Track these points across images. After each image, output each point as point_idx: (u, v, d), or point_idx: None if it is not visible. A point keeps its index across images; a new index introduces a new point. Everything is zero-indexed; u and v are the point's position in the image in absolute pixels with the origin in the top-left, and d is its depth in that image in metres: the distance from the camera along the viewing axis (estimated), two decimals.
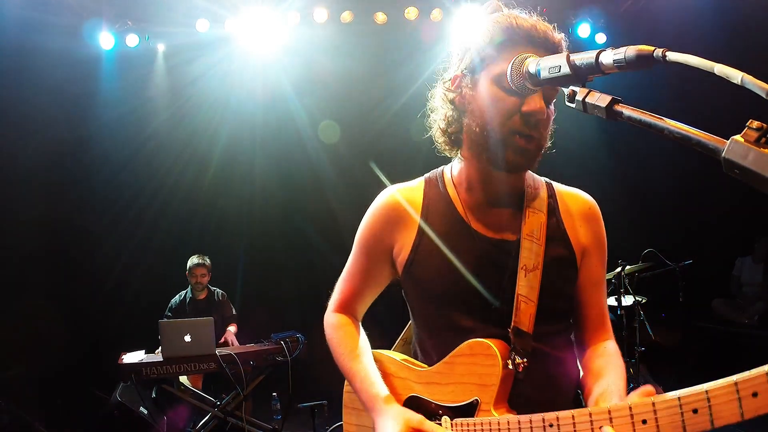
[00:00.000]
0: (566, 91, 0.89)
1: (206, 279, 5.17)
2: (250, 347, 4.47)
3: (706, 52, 0.69)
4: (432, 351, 1.31)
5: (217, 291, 5.30)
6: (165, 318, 5.00)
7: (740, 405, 0.75)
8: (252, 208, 6.61)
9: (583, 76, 0.88)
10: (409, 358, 1.41)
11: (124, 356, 4.14)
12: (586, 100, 0.85)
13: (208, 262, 5.19)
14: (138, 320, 5.35)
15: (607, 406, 0.92)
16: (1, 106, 5.43)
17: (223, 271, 5.61)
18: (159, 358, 4.07)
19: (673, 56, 0.71)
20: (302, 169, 6.65)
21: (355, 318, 1.47)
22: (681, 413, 0.82)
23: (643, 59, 0.76)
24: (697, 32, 5.43)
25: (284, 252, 6.62)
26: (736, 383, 0.76)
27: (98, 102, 6.30)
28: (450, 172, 1.35)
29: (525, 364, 1.17)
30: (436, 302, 1.28)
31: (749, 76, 0.63)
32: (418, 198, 1.33)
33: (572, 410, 0.98)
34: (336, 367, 1.42)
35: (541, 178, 1.36)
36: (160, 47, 6.41)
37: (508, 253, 1.25)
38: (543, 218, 1.27)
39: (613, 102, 0.82)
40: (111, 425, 4.00)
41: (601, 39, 6.51)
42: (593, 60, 0.83)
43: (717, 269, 6.18)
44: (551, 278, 1.24)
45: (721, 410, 0.77)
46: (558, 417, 0.99)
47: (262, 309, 5.75)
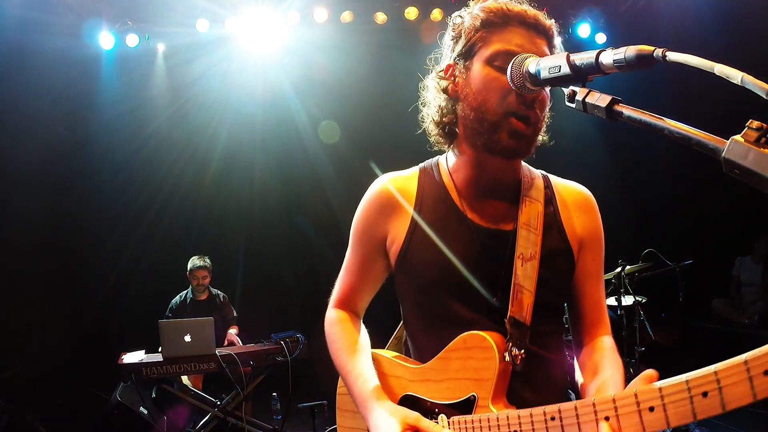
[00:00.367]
0: (566, 91, 0.89)
1: (207, 280, 5.17)
2: (250, 347, 4.47)
3: (706, 52, 0.69)
4: (426, 345, 1.28)
5: (218, 293, 5.30)
6: (165, 318, 5.00)
7: (752, 384, 0.71)
8: (252, 207, 6.61)
9: (583, 76, 0.88)
10: (402, 355, 1.37)
11: (124, 356, 4.14)
12: (586, 100, 0.85)
13: (209, 263, 5.19)
14: (138, 320, 5.35)
15: (611, 395, 0.88)
16: (2, 106, 5.43)
17: (223, 270, 5.61)
18: (159, 358, 4.07)
19: (673, 56, 0.71)
20: (302, 168, 6.65)
21: (355, 313, 1.44)
22: (690, 397, 0.77)
23: (643, 59, 0.76)
24: (697, 32, 5.43)
25: (284, 252, 6.62)
26: (746, 362, 0.71)
27: (98, 102, 6.30)
28: (446, 161, 1.33)
29: (522, 356, 1.14)
30: (430, 292, 1.25)
31: (749, 76, 0.63)
32: (412, 187, 1.31)
33: (575, 401, 0.94)
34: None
35: (538, 171, 1.34)
36: (160, 47, 6.41)
37: (504, 243, 1.23)
38: (540, 208, 1.24)
39: (613, 102, 0.82)
40: (111, 425, 4.00)
41: (601, 39, 6.52)
42: (593, 60, 0.84)
43: (717, 269, 6.18)
44: (548, 268, 1.22)
45: (732, 392, 0.73)
46: (560, 409, 0.95)
47: (262, 309, 5.75)
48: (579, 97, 0.86)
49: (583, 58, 0.86)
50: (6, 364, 5.14)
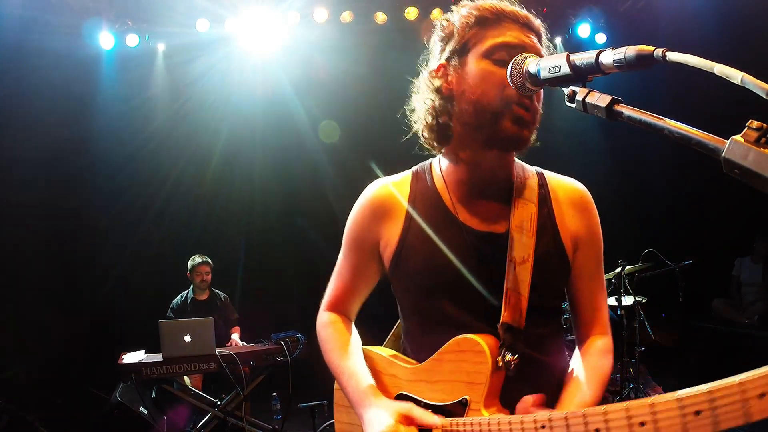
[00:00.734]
0: (566, 91, 0.89)
1: (210, 277, 5.18)
2: (250, 347, 4.47)
3: (706, 52, 0.69)
4: (421, 346, 1.28)
5: (219, 293, 5.31)
6: (166, 318, 5.00)
7: (746, 407, 0.70)
8: (252, 207, 6.61)
9: (583, 76, 0.87)
10: (398, 353, 1.37)
11: (124, 356, 4.14)
12: (586, 100, 0.84)
13: (210, 260, 5.21)
14: (138, 320, 5.35)
15: (603, 408, 0.87)
16: (2, 105, 5.43)
17: (224, 270, 5.61)
18: (159, 358, 4.07)
19: (673, 56, 0.71)
20: (302, 168, 6.65)
21: (346, 316, 1.45)
22: (682, 415, 0.77)
23: (643, 59, 0.76)
24: (697, 32, 5.43)
25: (284, 252, 6.62)
26: (741, 384, 0.71)
27: (98, 102, 6.30)
28: (438, 164, 1.32)
29: (516, 362, 1.14)
30: (424, 295, 1.26)
31: (749, 76, 0.63)
32: (405, 191, 1.31)
33: (565, 411, 0.94)
34: None
35: (533, 168, 1.33)
36: (160, 47, 6.41)
37: (497, 246, 1.22)
38: (533, 209, 1.23)
39: (613, 102, 0.81)
40: (111, 425, 4.00)
41: (601, 39, 6.52)
42: (593, 60, 0.83)
43: (717, 269, 6.18)
44: (542, 271, 1.21)
45: (726, 413, 0.72)
46: (551, 418, 0.95)
47: (262, 309, 5.75)
48: (579, 97, 0.86)
49: (583, 58, 0.86)
50: (6, 364, 5.14)
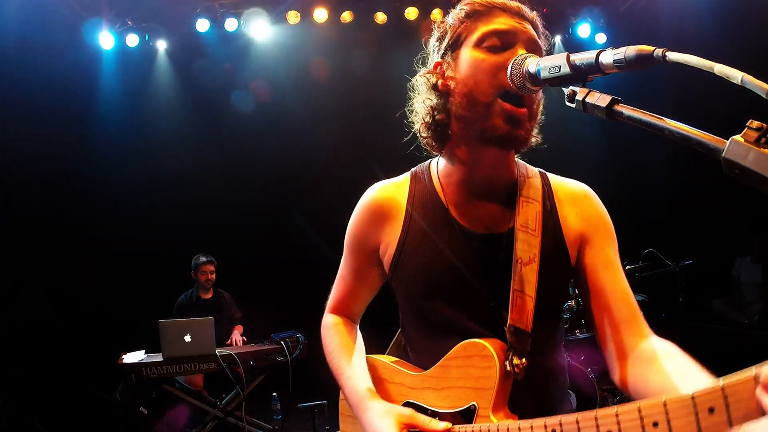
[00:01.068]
0: (566, 91, 0.89)
1: (214, 276, 5.23)
2: (250, 347, 4.47)
3: (706, 52, 0.69)
4: (424, 352, 1.25)
5: (223, 292, 5.33)
6: (172, 317, 5.03)
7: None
8: (252, 207, 6.61)
9: (583, 76, 0.87)
10: (402, 361, 1.35)
11: (124, 356, 4.14)
12: (586, 100, 0.84)
13: (214, 260, 5.24)
14: (138, 320, 5.35)
15: (615, 409, 0.84)
16: (2, 105, 5.43)
17: (223, 270, 5.61)
18: (159, 358, 4.07)
19: (673, 56, 0.71)
20: (302, 169, 6.64)
21: (350, 319, 1.44)
22: (696, 413, 0.74)
23: (643, 59, 0.76)
24: (697, 32, 5.43)
25: (284, 252, 6.61)
26: (755, 377, 0.68)
27: (98, 102, 6.31)
28: (436, 165, 1.29)
29: (524, 365, 1.10)
30: (425, 300, 1.22)
31: (749, 76, 0.63)
32: (403, 194, 1.28)
33: (576, 413, 0.92)
34: None
35: (535, 168, 1.30)
36: (160, 47, 6.41)
37: (498, 247, 1.19)
38: (538, 207, 1.19)
39: (613, 102, 0.81)
40: (111, 425, 4.00)
41: (601, 39, 6.52)
42: (593, 60, 0.83)
43: (717, 269, 6.18)
44: (549, 271, 1.17)
45: (740, 408, 0.69)
46: (561, 422, 0.93)
47: (262, 309, 5.74)
48: (579, 97, 0.85)
49: (583, 58, 0.86)
50: (6, 363, 5.14)
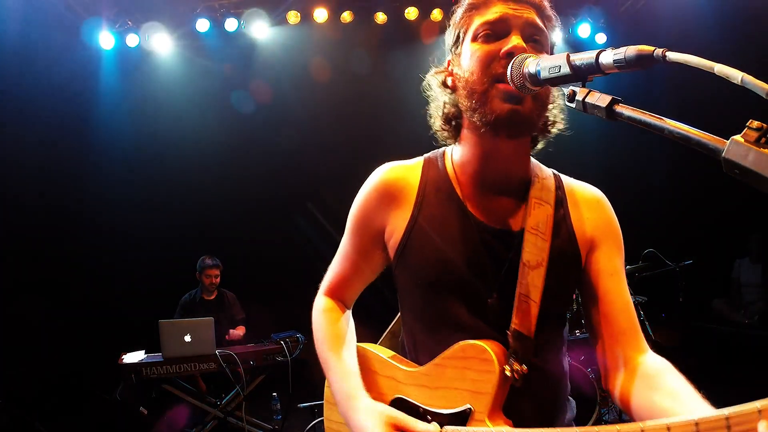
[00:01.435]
0: (566, 91, 0.89)
1: (218, 280, 5.25)
2: (250, 347, 4.47)
3: (706, 52, 0.69)
4: (422, 345, 1.21)
5: (227, 292, 5.34)
6: (176, 315, 5.06)
7: None
8: (252, 207, 6.61)
9: (583, 76, 0.87)
10: (397, 354, 1.31)
11: (124, 356, 4.14)
12: (586, 100, 0.84)
13: (219, 263, 5.25)
14: (138, 320, 5.35)
15: (617, 427, 0.81)
16: (2, 105, 5.43)
17: (223, 270, 5.61)
18: (159, 358, 4.07)
19: (673, 56, 0.71)
20: (302, 168, 6.64)
21: (344, 303, 1.39)
22: None
23: (643, 59, 0.76)
24: (697, 32, 5.43)
25: (284, 252, 6.61)
26: (760, 410, 0.68)
27: (98, 102, 6.30)
28: (451, 153, 1.25)
29: (524, 371, 1.06)
30: (429, 291, 1.18)
31: (749, 76, 0.63)
32: (415, 178, 1.23)
33: (576, 428, 0.90)
34: None
35: (549, 170, 1.27)
36: (161, 47, 6.41)
37: (509, 246, 1.15)
38: (549, 210, 1.16)
39: (613, 102, 0.81)
40: (111, 425, 4.00)
41: (601, 39, 6.52)
42: (593, 60, 0.83)
43: (717, 269, 6.18)
44: (556, 277, 1.14)
45: None
46: None
47: (262, 309, 5.74)
48: (579, 97, 0.85)
49: (583, 58, 0.86)
50: (6, 363, 5.13)
